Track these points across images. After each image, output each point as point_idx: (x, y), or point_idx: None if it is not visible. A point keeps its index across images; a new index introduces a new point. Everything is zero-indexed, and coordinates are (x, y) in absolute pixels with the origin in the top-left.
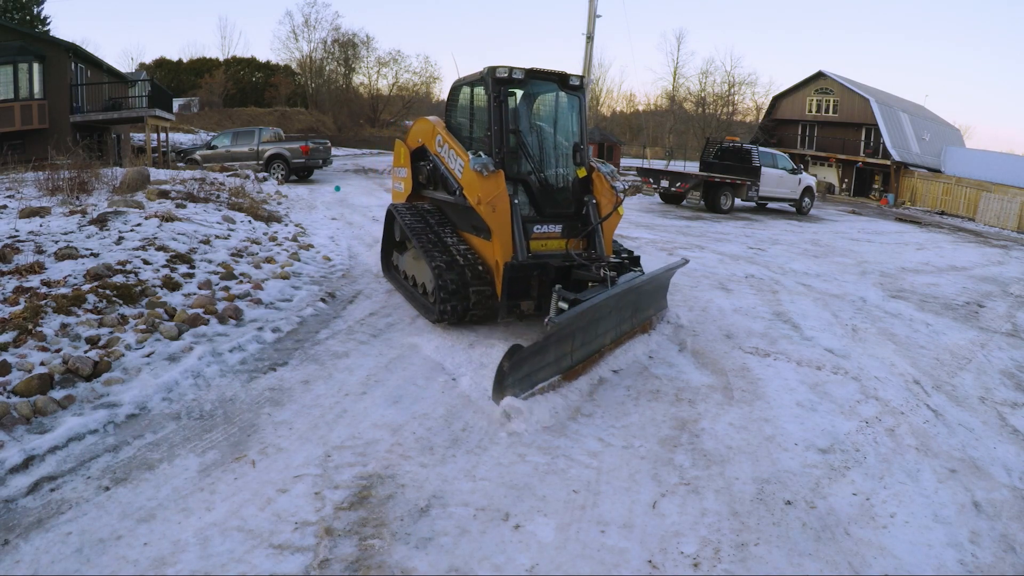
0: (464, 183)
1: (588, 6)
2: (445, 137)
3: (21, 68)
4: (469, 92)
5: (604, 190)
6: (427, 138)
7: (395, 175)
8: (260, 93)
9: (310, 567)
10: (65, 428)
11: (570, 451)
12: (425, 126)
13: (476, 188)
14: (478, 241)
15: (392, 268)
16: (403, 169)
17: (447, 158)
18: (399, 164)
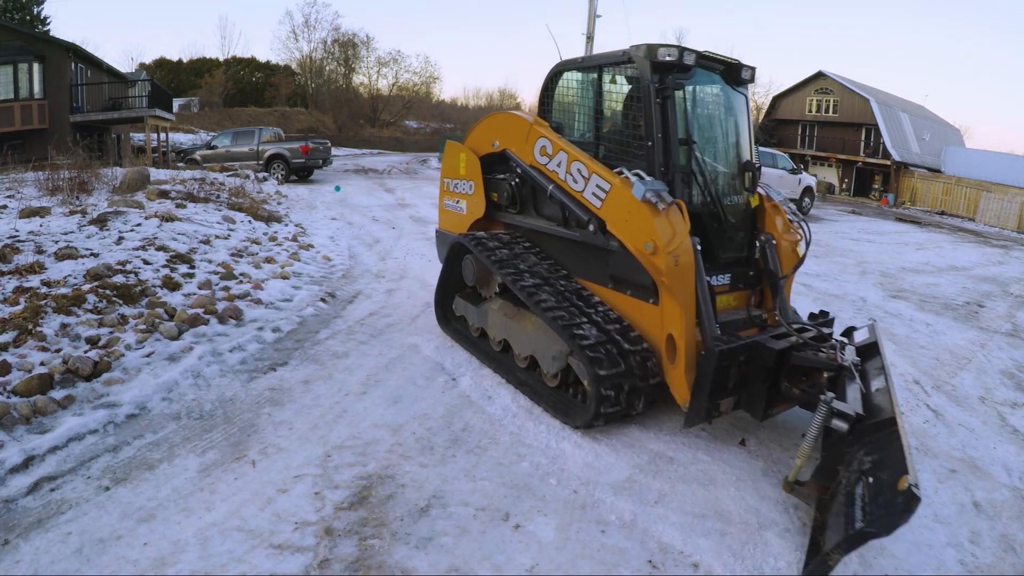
0: (613, 217)
1: (588, 6)
2: (560, 144)
3: (21, 68)
4: (592, 81)
5: (780, 224)
6: (515, 141)
7: (447, 189)
8: (260, 93)
9: (310, 567)
10: (65, 428)
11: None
12: (511, 124)
13: (647, 228)
14: (625, 302)
15: (454, 319)
16: (466, 183)
17: (564, 175)
18: (457, 175)
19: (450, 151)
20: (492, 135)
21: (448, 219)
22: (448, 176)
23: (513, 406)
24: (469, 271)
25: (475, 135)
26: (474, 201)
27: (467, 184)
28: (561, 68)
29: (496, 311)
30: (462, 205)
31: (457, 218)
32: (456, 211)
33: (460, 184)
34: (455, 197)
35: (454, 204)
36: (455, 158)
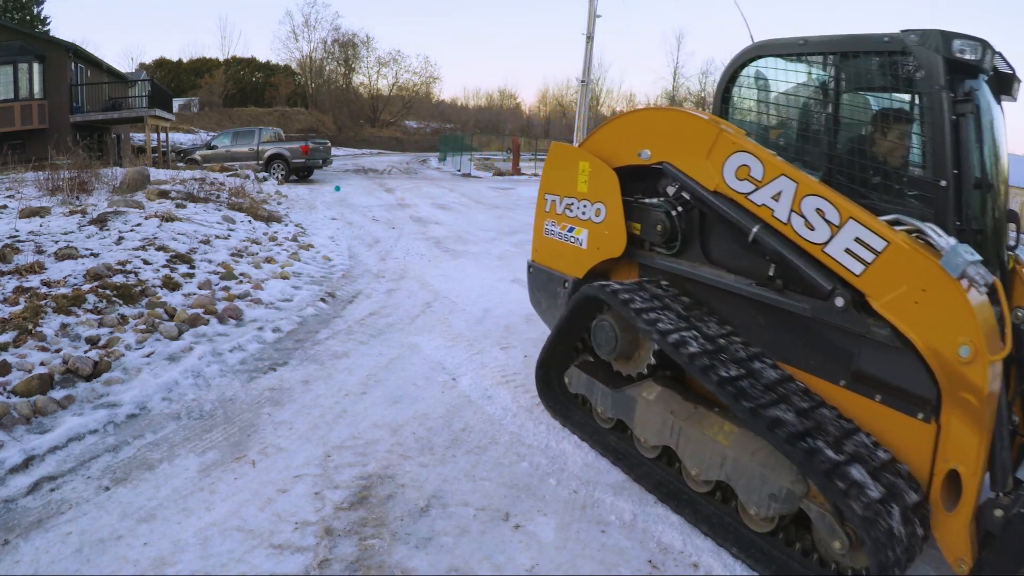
0: (894, 294)
1: (588, 6)
2: (776, 165)
3: (21, 68)
4: (822, 76)
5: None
6: (685, 153)
7: (554, 211)
8: (260, 93)
9: (310, 567)
10: (65, 428)
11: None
12: (682, 128)
13: (965, 322)
14: (868, 410)
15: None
16: (591, 205)
17: (790, 215)
18: (573, 191)
19: (561, 157)
20: (640, 140)
21: (553, 252)
22: (556, 192)
23: (513, 406)
24: (607, 338)
25: (607, 137)
26: (603, 233)
27: (592, 207)
28: (759, 52)
29: (653, 404)
30: (580, 236)
31: (570, 253)
32: (569, 243)
33: (579, 206)
34: (568, 223)
35: (566, 233)
36: (570, 168)
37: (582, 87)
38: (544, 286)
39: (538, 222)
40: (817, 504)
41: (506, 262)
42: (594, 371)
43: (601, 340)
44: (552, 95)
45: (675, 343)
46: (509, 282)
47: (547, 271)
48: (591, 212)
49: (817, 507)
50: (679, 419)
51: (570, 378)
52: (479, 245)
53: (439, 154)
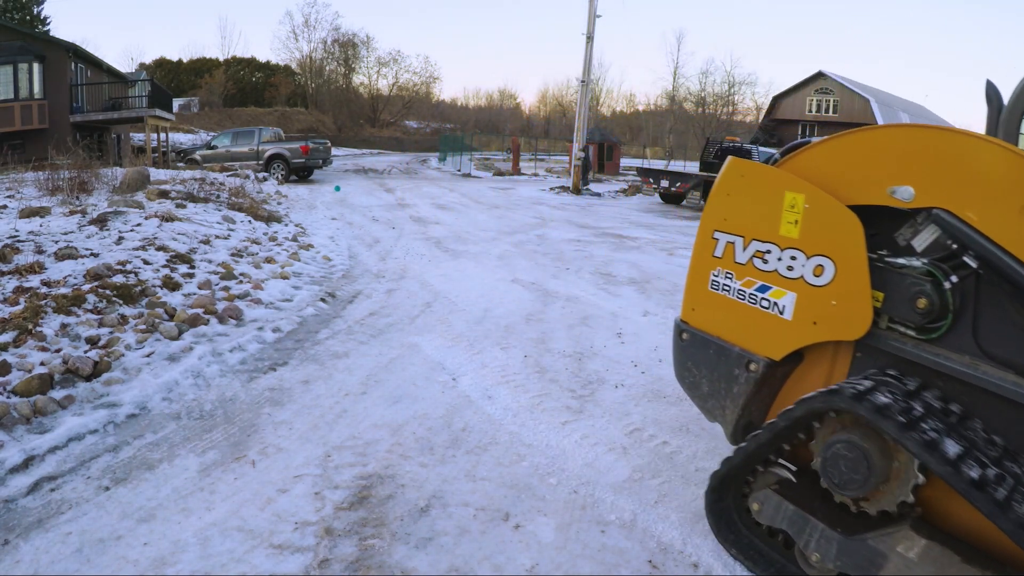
0: None
1: (588, 6)
2: None
3: (21, 68)
4: None
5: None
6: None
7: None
8: (260, 93)
9: (310, 567)
10: (65, 428)
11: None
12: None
13: None
14: None
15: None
16: (807, 259)
17: None
18: (774, 235)
19: (749, 180)
20: (897, 170)
21: (728, 317)
22: (737, 230)
23: (513, 406)
24: (858, 472)
25: (836, 159)
26: (825, 302)
27: (808, 262)
28: None
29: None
30: (782, 301)
31: (761, 323)
32: (759, 308)
33: (782, 256)
34: (759, 278)
35: (753, 293)
36: (767, 198)
37: (582, 87)
38: (708, 362)
39: (699, 268)
40: None
41: (506, 262)
42: (804, 499)
43: (846, 472)
44: (552, 95)
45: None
46: (509, 282)
47: (716, 342)
48: (805, 268)
49: None
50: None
51: (761, 504)
52: (479, 245)
53: (439, 154)
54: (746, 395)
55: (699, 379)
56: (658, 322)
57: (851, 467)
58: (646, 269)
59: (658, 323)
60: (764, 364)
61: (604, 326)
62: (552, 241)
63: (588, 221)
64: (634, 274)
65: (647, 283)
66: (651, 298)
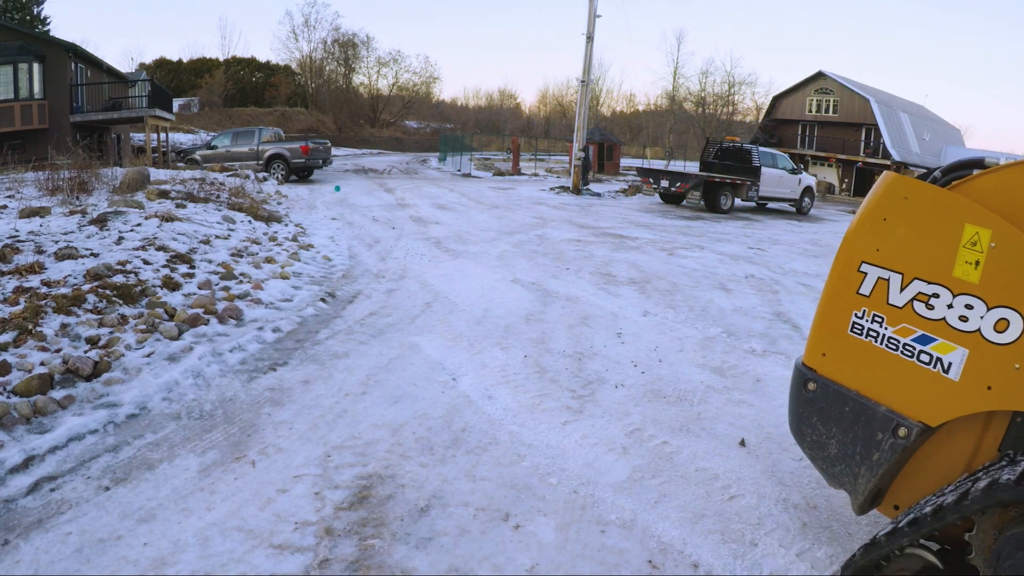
0: None
1: (588, 6)
2: None
3: (21, 68)
4: None
5: None
6: None
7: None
8: (260, 93)
9: (310, 567)
10: (65, 428)
11: None
12: None
13: None
14: None
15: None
16: (990, 308)
17: None
18: (943, 275)
19: (920, 206)
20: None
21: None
22: (898, 267)
23: (513, 406)
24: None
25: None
26: (1008, 362)
27: (989, 314)
28: None
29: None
30: (950, 357)
31: (919, 380)
32: (917, 363)
33: (957, 304)
34: (923, 327)
35: (916, 345)
36: (942, 231)
37: (582, 87)
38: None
39: (836, 306)
40: None
41: (506, 262)
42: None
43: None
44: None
45: None
46: (509, 282)
47: (856, 398)
48: (984, 321)
49: None
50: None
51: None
52: (479, 245)
53: (439, 154)
54: (888, 463)
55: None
56: (658, 322)
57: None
58: (646, 269)
59: (658, 323)
60: (917, 430)
61: (604, 326)
62: (552, 241)
63: (588, 221)
64: (634, 274)
65: (647, 283)
66: (651, 298)
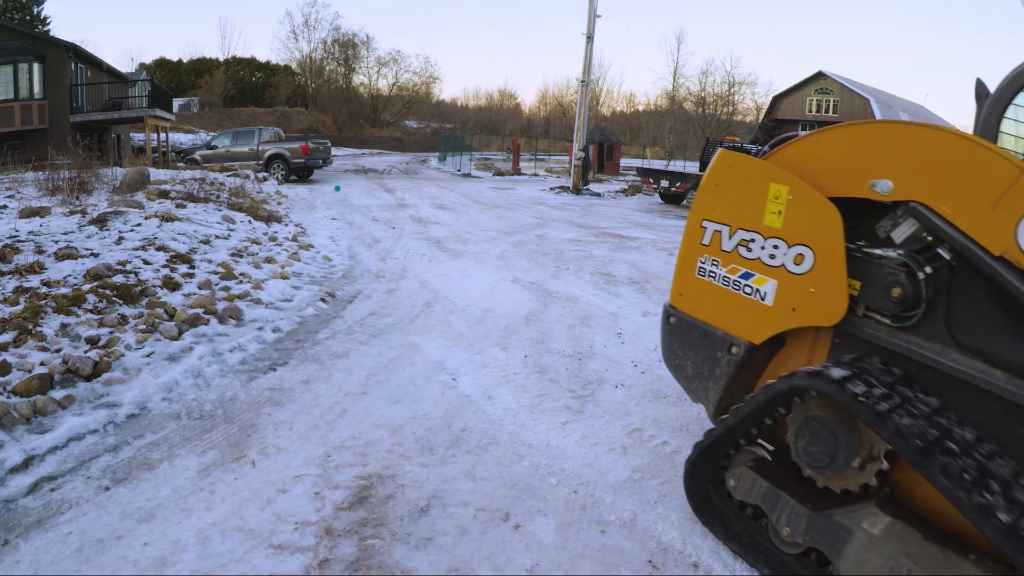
0: None
1: (588, 6)
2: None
3: (21, 68)
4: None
5: None
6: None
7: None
8: (260, 93)
9: (310, 567)
10: (65, 428)
11: None
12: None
13: None
14: None
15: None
16: (788, 247)
17: None
18: (757, 225)
19: (736, 171)
20: (876, 164)
21: (713, 302)
22: (723, 219)
23: (513, 406)
24: (828, 451)
25: (821, 153)
26: (804, 289)
27: (789, 251)
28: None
29: (880, 541)
30: (764, 288)
31: (743, 308)
32: (742, 294)
33: (765, 245)
34: (743, 266)
35: (737, 279)
36: (752, 189)
37: (582, 87)
38: (693, 345)
39: (687, 256)
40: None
41: (506, 262)
42: (777, 477)
43: (817, 453)
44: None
45: (943, 468)
46: (509, 282)
47: (701, 326)
48: (787, 257)
49: None
50: (919, 566)
51: (737, 481)
52: (479, 245)
53: (439, 154)
54: (728, 377)
55: (684, 361)
56: (658, 322)
57: (825, 447)
58: (646, 269)
59: (658, 323)
60: (745, 348)
61: (604, 326)
62: (552, 241)
63: (588, 221)
64: (634, 274)
65: (647, 283)
66: (651, 298)
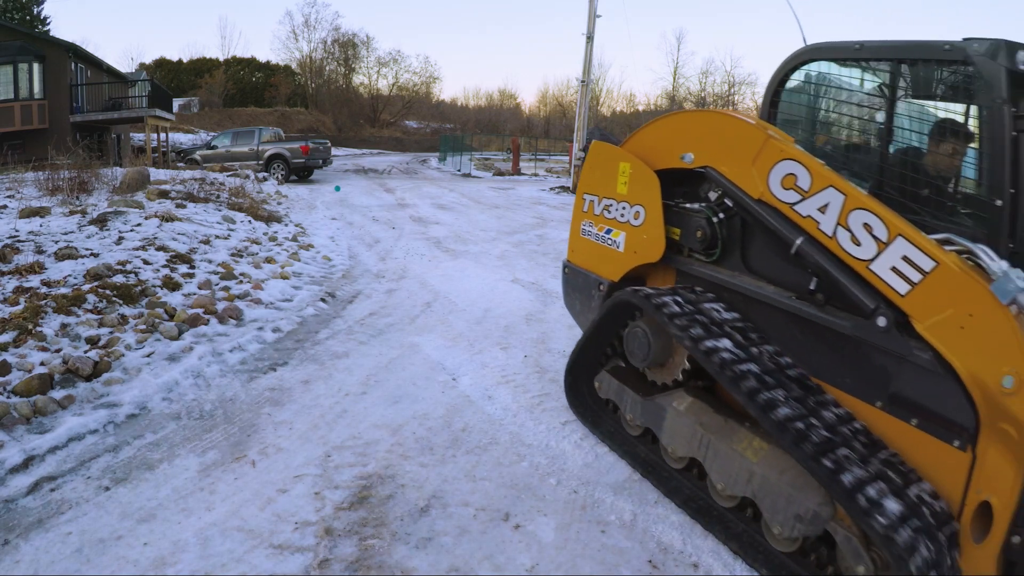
0: (938, 317)
1: (588, 6)
2: (825, 176)
3: (21, 68)
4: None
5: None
6: (730, 158)
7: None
8: (260, 93)
9: (310, 567)
10: (65, 428)
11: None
12: (727, 132)
13: (1011, 350)
14: (905, 434)
15: (594, 400)
16: (630, 207)
17: (836, 228)
18: (613, 192)
19: (601, 156)
20: (683, 142)
21: (589, 254)
22: (595, 192)
23: (513, 406)
24: (640, 345)
25: (649, 139)
26: (641, 237)
27: (631, 210)
28: (812, 56)
29: (683, 415)
30: (618, 239)
31: (606, 256)
32: (606, 245)
33: (617, 207)
34: (606, 224)
35: (603, 235)
36: (610, 168)
37: (582, 87)
38: (579, 288)
39: (575, 222)
40: (844, 527)
41: (506, 262)
42: (625, 377)
43: (634, 347)
44: (552, 95)
45: (707, 351)
46: (509, 282)
47: (583, 272)
48: (630, 215)
49: (844, 530)
50: (708, 432)
51: (600, 383)
52: (479, 245)
53: (439, 154)
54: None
55: (575, 301)
56: None
57: (638, 343)
58: None
59: None
60: (608, 285)
61: None
62: (552, 241)
63: None
64: None
65: None
66: None
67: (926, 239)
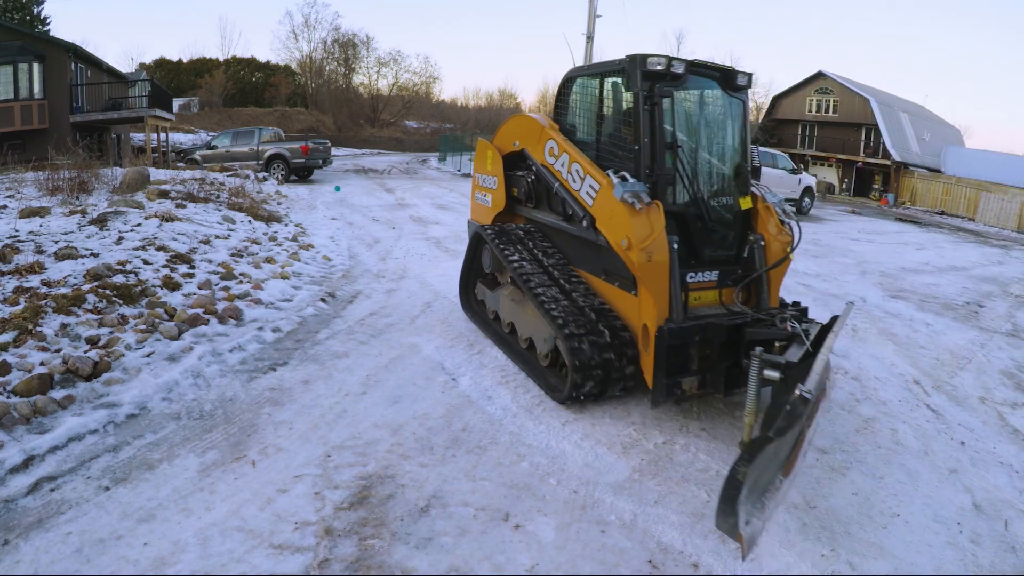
0: (601, 214)
1: (588, 6)
2: (564, 146)
3: (21, 68)
4: (595, 87)
5: (772, 226)
6: (531, 142)
7: (477, 183)
8: (260, 93)
9: (310, 567)
10: (65, 428)
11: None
12: (528, 126)
13: (624, 226)
14: (612, 291)
15: (476, 303)
16: (491, 178)
17: (567, 175)
18: (484, 170)
19: (480, 148)
20: (514, 135)
21: (477, 211)
22: (478, 171)
23: (513, 406)
24: (487, 259)
25: (501, 134)
26: (497, 195)
27: (492, 179)
28: (572, 75)
29: (506, 297)
30: (488, 198)
31: (484, 210)
32: (483, 204)
33: (487, 179)
34: (483, 191)
35: (482, 197)
36: (484, 155)
37: None
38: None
39: (472, 193)
40: (564, 344)
41: None
42: (487, 283)
43: (485, 260)
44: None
45: (503, 255)
46: None
47: (474, 224)
48: (491, 183)
49: (562, 343)
50: (515, 304)
51: (477, 290)
52: None
53: (439, 154)
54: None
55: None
56: None
57: (486, 257)
58: None
59: None
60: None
61: None
62: None
63: None
64: None
65: None
66: None
67: (599, 173)
